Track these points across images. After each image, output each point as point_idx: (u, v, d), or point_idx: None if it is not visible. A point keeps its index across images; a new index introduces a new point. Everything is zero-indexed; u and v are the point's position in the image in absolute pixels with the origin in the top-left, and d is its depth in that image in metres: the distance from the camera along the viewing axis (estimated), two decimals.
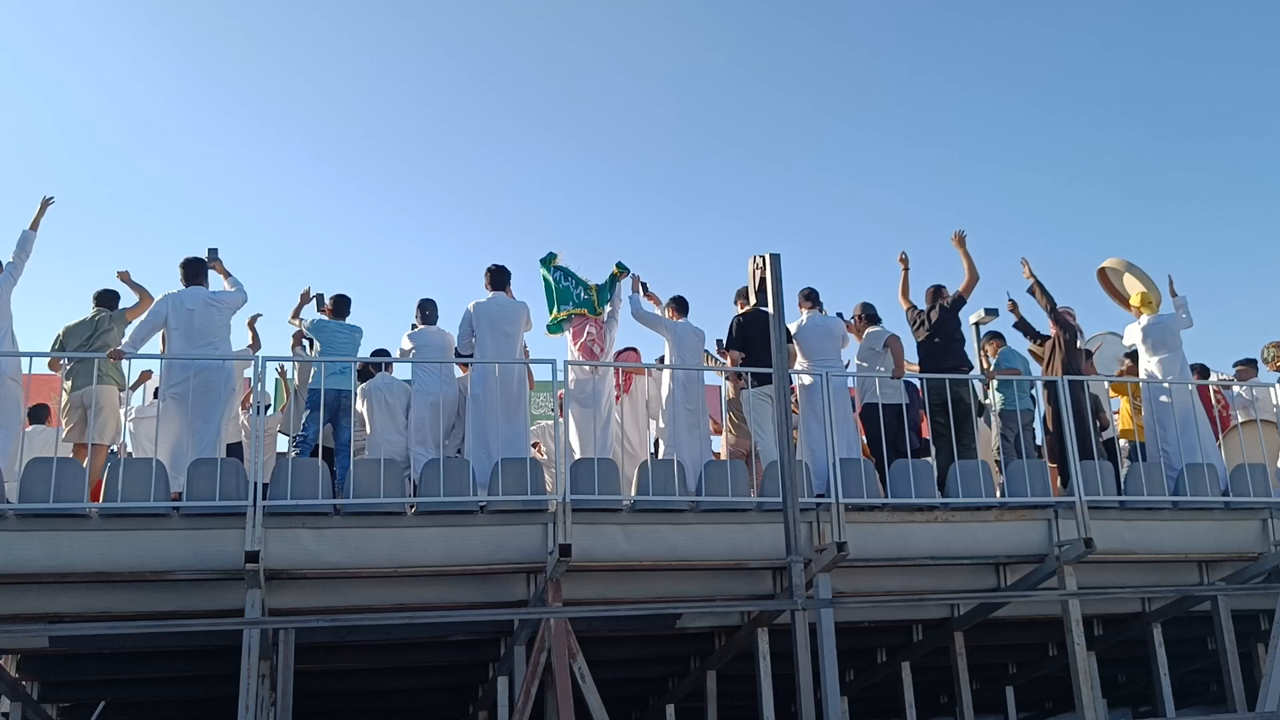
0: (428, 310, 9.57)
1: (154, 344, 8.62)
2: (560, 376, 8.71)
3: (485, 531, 8.03)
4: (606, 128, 37.41)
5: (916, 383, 9.77)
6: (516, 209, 37.84)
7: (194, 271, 8.77)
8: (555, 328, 9.45)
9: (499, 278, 9.34)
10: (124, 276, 9.07)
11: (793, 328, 9.73)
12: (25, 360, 8.38)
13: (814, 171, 37.40)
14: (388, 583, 8.05)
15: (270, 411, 10.05)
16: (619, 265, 9.62)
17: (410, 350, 9.39)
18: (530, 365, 9.32)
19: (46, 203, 8.69)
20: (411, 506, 8.11)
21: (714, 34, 35.18)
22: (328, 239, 37.71)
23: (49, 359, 9.08)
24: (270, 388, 10.95)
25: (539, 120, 36.32)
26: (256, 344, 10.11)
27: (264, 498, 7.55)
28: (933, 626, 10.04)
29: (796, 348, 9.72)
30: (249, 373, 9.42)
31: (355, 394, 9.19)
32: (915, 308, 10.10)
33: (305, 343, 9.80)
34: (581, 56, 35.61)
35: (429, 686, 10.90)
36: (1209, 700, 11.59)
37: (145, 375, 9.98)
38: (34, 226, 8.62)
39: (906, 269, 10.26)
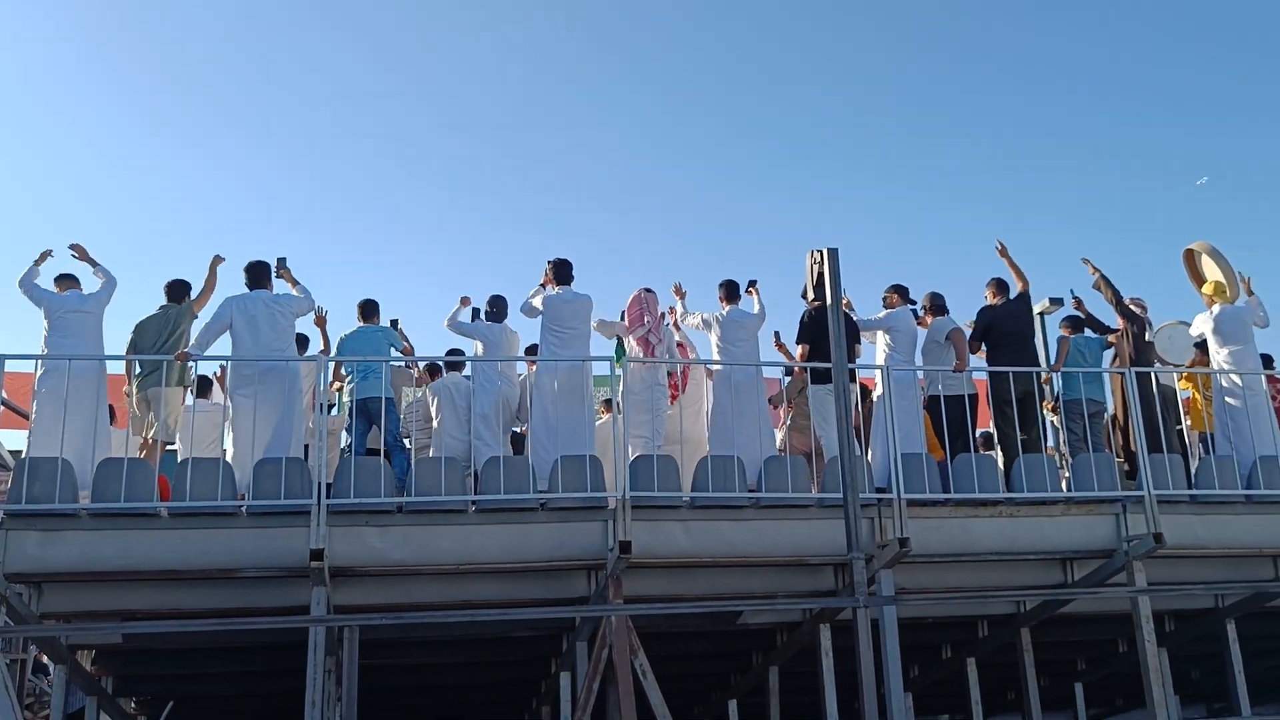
0: (496, 306, 9.65)
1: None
2: (617, 371, 8.73)
3: (546, 529, 8.08)
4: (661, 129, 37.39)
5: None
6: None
7: (258, 275, 8.91)
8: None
9: (563, 271, 9.35)
10: (216, 262, 9.15)
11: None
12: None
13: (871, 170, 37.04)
14: (450, 579, 8.10)
15: (334, 411, 10.18)
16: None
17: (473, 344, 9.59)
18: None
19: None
20: (473, 504, 8.17)
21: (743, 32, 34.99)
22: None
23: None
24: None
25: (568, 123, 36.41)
26: (326, 345, 10.23)
27: (328, 496, 7.65)
28: (998, 622, 9.89)
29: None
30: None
31: (389, 395, 9.33)
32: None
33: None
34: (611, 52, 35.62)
35: (491, 681, 10.97)
36: None
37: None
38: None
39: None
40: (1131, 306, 10.21)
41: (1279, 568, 9.39)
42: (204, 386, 10.29)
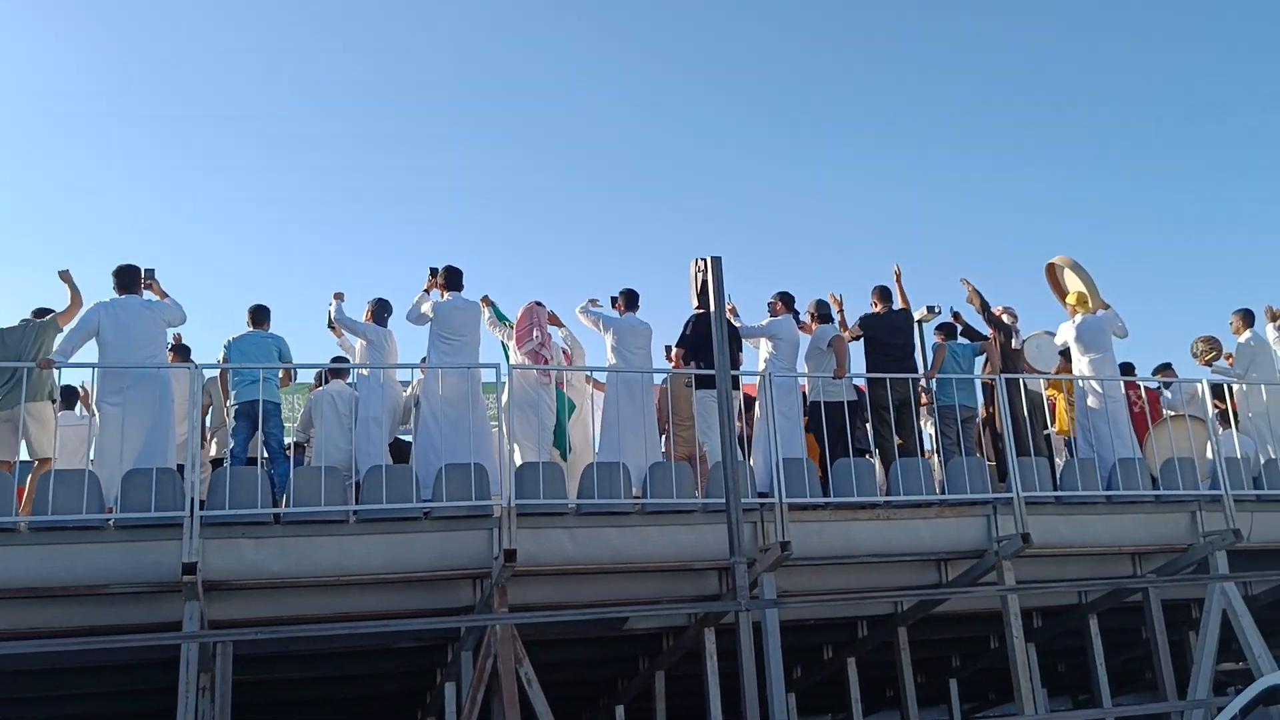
0: (381, 310, 9.49)
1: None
2: (505, 380, 8.68)
3: (429, 538, 7.99)
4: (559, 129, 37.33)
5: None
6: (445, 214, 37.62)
7: (128, 280, 8.57)
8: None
9: (453, 278, 9.26)
10: (65, 276, 8.62)
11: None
12: None
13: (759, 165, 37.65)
14: (331, 591, 7.95)
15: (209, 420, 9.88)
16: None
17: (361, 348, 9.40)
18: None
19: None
20: (354, 514, 8.02)
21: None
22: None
23: None
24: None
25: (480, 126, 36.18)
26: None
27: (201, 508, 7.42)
28: (877, 622, 10.15)
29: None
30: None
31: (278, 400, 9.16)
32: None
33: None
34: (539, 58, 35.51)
35: (375, 694, 10.79)
36: (1144, 688, 11.85)
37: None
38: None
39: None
40: (1001, 316, 10.59)
41: (1136, 565, 9.87)
42: (69, 398, 9.83)
